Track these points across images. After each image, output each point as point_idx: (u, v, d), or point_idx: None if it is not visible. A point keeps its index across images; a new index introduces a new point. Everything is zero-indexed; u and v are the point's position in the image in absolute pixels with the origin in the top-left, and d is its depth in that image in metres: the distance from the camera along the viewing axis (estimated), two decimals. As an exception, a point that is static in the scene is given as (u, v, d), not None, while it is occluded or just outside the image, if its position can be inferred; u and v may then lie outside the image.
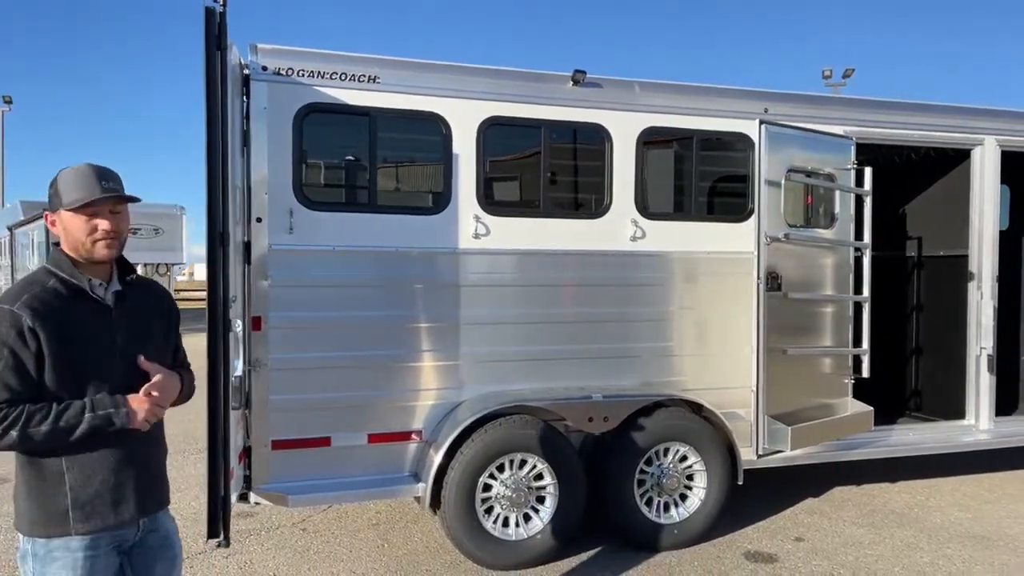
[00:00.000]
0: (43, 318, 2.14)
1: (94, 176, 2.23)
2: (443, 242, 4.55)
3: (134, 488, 2.31)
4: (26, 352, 2.12)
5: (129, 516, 2.31)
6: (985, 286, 5.89)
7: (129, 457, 2.30)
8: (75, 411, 2.16)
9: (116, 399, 2.22)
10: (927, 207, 6.71)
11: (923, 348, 6.84)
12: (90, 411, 2.17)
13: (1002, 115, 5.89)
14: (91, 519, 2.23)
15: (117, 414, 2.20)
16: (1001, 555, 4.86)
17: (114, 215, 2.27)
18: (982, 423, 5.95)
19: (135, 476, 2.32)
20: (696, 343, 5.05)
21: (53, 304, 2.18)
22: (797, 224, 5.27)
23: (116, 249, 2.29)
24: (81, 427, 2.16)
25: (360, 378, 4.43)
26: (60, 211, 2.24)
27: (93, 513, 2.24)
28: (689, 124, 5.00)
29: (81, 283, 2.24)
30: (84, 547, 2.23)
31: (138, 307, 2.38)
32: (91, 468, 2.23)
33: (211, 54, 3.42)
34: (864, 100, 5.59)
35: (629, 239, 4.87)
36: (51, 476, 2.21)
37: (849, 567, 4.65)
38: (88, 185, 2.21)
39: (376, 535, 5.10)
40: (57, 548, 2.21)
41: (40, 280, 2.22)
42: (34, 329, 2.12)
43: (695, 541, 4.90)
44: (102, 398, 2.21)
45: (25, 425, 2.10)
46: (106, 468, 2.26)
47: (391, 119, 4.45)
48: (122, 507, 2.29)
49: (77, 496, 2.21)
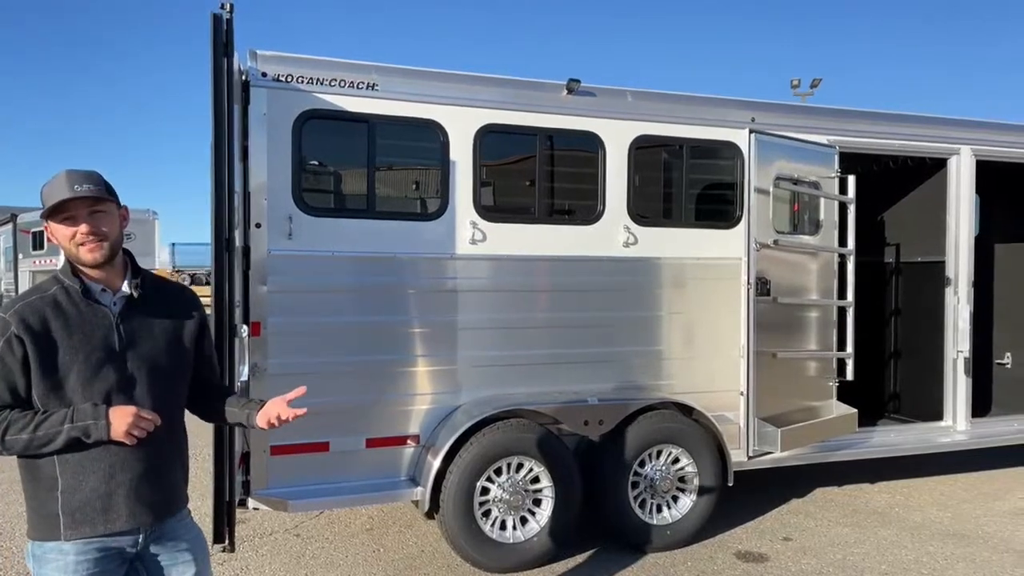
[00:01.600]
0: (29, 325, 2.14)
1: (66, 181, 2.19)
2: (440, 248, 4.59)
3: (128, 496, 2.25)
4: (11, 358, 2.14)
5: (122, 524, 2.25)
6: (962, 291, 6.08)
7: (123, 464, 2.24)
8: (55, 420, 2.14)
9: (98, 410, 2.16)
10: (904, 214, 6.89)
11: (901, 351, 7.02)
12: (69, 421, 2.14)
13: (978, 126, 6.09)
14: (80, 526, 2.20)
15: (96, 426, 2.15)
16: (981, 552, 5.01)
17: (94, 216, 2.22)
18: (959, 424, 6.12)
19: (130, 484, 2.25)
20: (686, 347, 5.14)
21: (45, 312, 2.18)
22: (784, 231, 5.39)
23: (102, 252, 2.22)
24: (60, 437, 2.14)
25: (358, 383, 4.45)
26: (47, 220, 2.24)
27: (83, 520, 2.20)
28: (679, 132, 5.09)
29: (82, 288, 2.24)
30: (76, 551, 2.21)
31: (153, 312, 2.34)
32: (82, 474, 2.20)
33: (218, 61, 3.44)
34: (847, 110, 5.74)
35: (622, 245, 4.95)
36: (45, 481, 2.21)
37: (837, 565, 4.77)
38: (61, 191, 2.17)
39: (371, 540, 5.11)
40: (50, 551, 2.21)
41: (43, 287, 2.24)
42: (20, 336, 2.13)
43: (687, 542, 4.98)
44: (84, 408, 2.16)
45: (4, 432, 2.12)
46: (97, 475, 2.21)
47: (389, 126, 4.49)
48: (112, 515, 2.24)
49: (67, 502, 2.20)
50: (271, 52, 4.27)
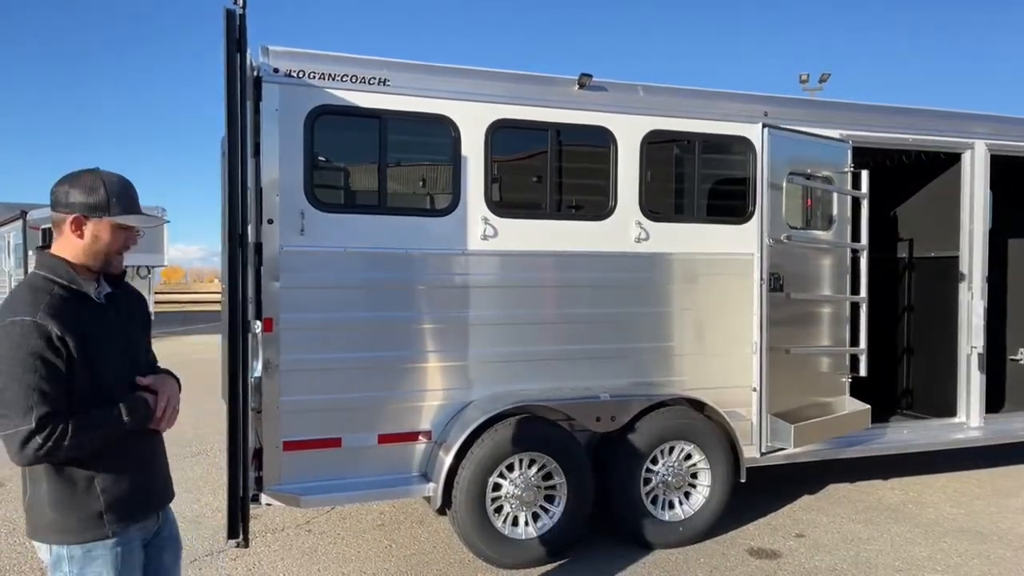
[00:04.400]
0: (66, 325, 2.11)
1: (136, 194, 2.30)
2: (451, 244, 4.58)
3: (155, 484, 2.40)
4: (59, 361, 2.09)
5: (152, 511, 2.39)
6: (975, 286, 6.04)
7: (151, 455, 2.39)
8: (112, 416, 2.18)
9: (140, 400, 2.27)
10: (918, 209, 6.85)
11: (914, 347, 6.98)
12: (127, 415, 2.20)
13: (992, 120, 6.04)
14: (125, 518, 2.26)
15: (146, 416, 2.27)
16: (996, 549, 4.98)
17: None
18: (973, 420, 6.09)
19: (156, 473, 2.41)
20: (698, 343, 5.12)
21: (70, 311, 2.16)
22: (797, 226, 5.36)
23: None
24: (119, 432, 2.20)
25: (370, 379, 4.45)
26: (104, 218, 2.22)
27: (127, 512, 2.27)
28: (691, 127, 5.07)
29: (85, 288, 2.22)
30: (122, 544, 2.25)
31: (123, 309, 2.39)
32: (119, 469, 2.25)
33: (231, 56, 3.43)
34: (859, 104, 5.70)
35: (634, 240, 4.93)
36: (81, 482, 2.19)
37: (850, 561, 4.74)
38: (136, 204, 2.29)
39: (382, 535, 5.11)
40: (95, 549, 2.22)
41: (44, 287, 2.17)
42: (62, 337, 2.09)
43: (699, 538, 4.97)
44: (136, 399, 2.26)
45: (75, 435, 2.08)
46: (133, 468, 2.29)
47: (401, 121, 4.48)
48: (150, 503, 2.38)
49: (110, 498, 2.22)
50: (283, 48, 4.26)
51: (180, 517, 2.71)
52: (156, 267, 18.80)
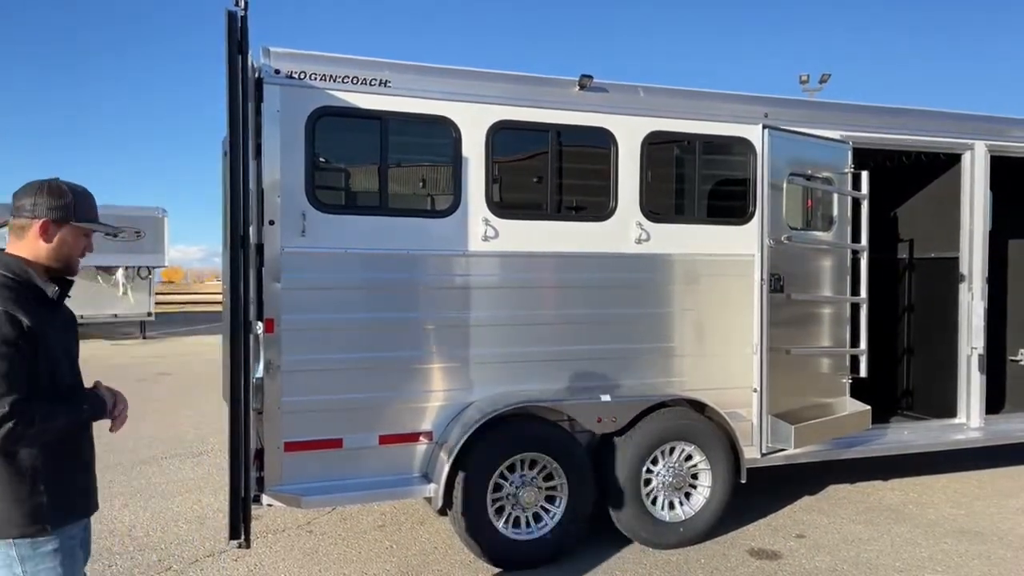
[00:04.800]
0: (33, 317, 2.19)
1: (95, 203, 2.44)
2: (452, 245, 4.59)
3: (93, 481, 2.47)
4: (28, 349, 2.18)
5: (92, 508, 2.46)
6: (976, 287, 6.04)
7: (85, 451, 2.44)
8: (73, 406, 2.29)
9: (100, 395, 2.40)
10: (918, 210, 6.86)
11: (915, 348, 6.99)
12: (87, 404, 2.33)
13: (992, 120, 6.05)
14: (69, 513, 2.32)
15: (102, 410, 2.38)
16: (996, 549, 4.99)
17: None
18: (973, 421, 6.09)
19: (91, 473, 2.47)
20: (699, 344, 5.13)
21: (33, 306, 2.24)
22: (797, 227, 5.37)
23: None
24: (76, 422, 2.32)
25: (371, 379, 4.46)
26: (70, 224, 2.33)
27: (71, 508, 2.33)
28: (692, 128, 5.08)
29: (45, 288, 2.29)
30: (67, 538, 2.31)
31: (67, 317, 2.47)
32: (61, 462, 2.30)
33: (233, 58, 3.44)
34: (860, 106, 5.71)
35: (634, 241, 4.94)
36: (27, 474, 2.22)
37: (851, 562, 4.75)
38: (96, 212, 2.43)
39: (383, 536, 5.12)
40: (43, 544, 2.25)
41: (5, 283, 2.23)
42: (32, 328, 2.17)
43: (700, 539, 4.98)
44: (97, 393, 2.39)
45: (42, 422, 2.16)
46: (73, 462, 2.36)
47: (402, 122, 4.49)
48: (89, 500, 2.44)
49: (53, 492, 2.26)
50: (284, 49, 4.27)
51: (182, 518, 2.73)
52: (157, 268, 18.78)
